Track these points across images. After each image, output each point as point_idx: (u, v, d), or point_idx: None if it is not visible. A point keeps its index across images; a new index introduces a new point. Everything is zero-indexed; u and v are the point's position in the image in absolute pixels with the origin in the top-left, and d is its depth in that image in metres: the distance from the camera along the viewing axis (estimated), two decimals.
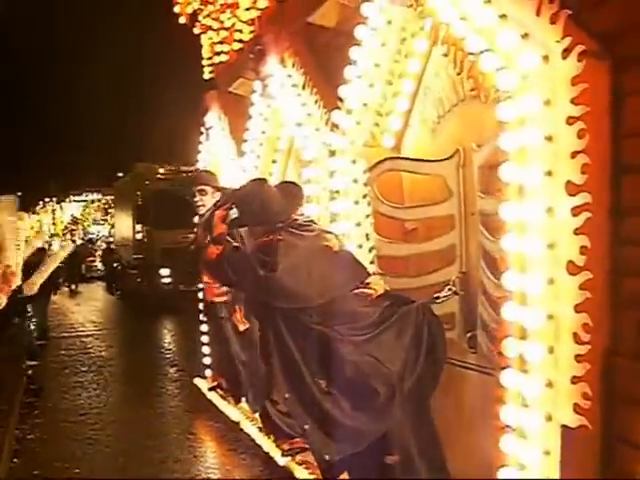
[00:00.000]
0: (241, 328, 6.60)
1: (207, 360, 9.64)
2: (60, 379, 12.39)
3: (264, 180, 5.06)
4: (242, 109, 8.57)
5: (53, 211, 48.93)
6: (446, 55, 4.38)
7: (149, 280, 22.46)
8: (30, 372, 12.32)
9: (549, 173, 3.64)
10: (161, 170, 23.73)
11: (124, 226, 26.49)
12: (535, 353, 3.67)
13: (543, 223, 3.67)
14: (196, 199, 7.00)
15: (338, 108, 5.55)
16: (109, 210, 42.05)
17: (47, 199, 50.62)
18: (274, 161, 7.64)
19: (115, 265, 28.07)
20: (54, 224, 46.78)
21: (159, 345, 16.12)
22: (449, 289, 4.78)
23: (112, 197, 38.75)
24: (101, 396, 11.07)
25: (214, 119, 9.03)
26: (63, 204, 48.69)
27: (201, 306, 9.59)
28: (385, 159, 5.29)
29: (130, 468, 7.43)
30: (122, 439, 8.65)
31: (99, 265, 34.97)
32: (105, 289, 30.07)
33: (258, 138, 7.61)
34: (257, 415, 7.11)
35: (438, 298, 4.71)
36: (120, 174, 33.01)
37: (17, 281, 6.94)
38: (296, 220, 4.78)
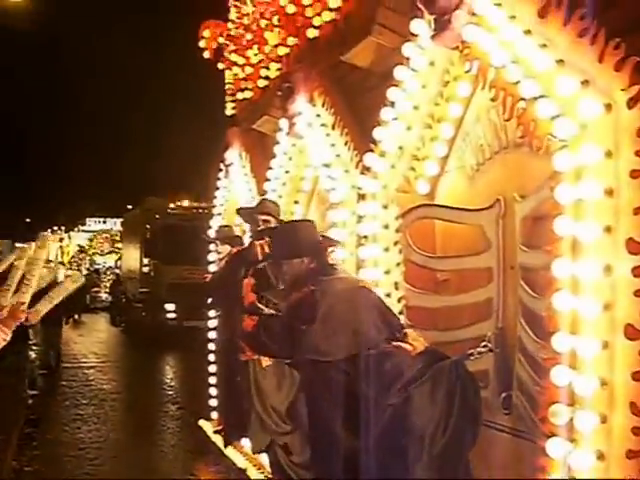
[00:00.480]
0: (264, 364, 6.29)
1: (213, 402, 9.38)
2: (60, 411, 12.16)
3: (309, 221, 4.81)
4: (265, 147, 8.35)
5: (61, 240, 48.76)
6: (493, 100, 4.10)
7: (154, 314, 22.23)
8: (30, 402, 12.21)
9: (608, 229, 3.37)
10: (171, 205, 23.60)
11: (131, 259, 26.32)
12: (586, 422, 3.36)
13: (599, 282, 3.38)
14: (260, 227, 6.56)
15: (370, 150, 5.29)
16: (116, 241, 41.92)
17: (56, 228, 50.52)
18: (296, 202, 7.37)
19: (121, 297, 27.80)
20: (62, 253, 46.58)
21: (161, 381, 15.95)
22: (484, 345, 4.47)
23: (121, 229, 38.70)
24: (101, 430, 10.81)
25: (235, 156, 8.79)
26: (71, 233, 48.57)
27: (211, 345, 9.34)
28: (419, 205, 5.02)
29: None
30: (121, 476, 8.43)
31: (104, 296, 34.69)
32: (109, 321, 29.72)
33: (281, 177, 7.35)
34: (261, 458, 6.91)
35: (472, 354, 4.39)
36: (130, 206, 32.91)
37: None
38: (331, 265, 4.47)
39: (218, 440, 8.53)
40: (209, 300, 8.33)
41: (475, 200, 4.81)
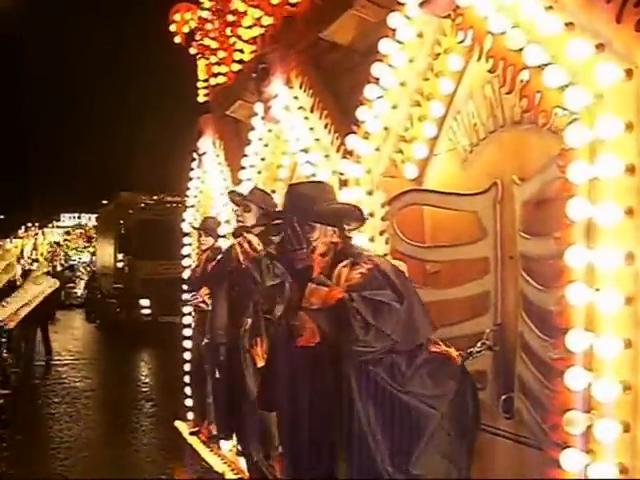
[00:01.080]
0: (260, 364, 5.83)
1: (189, 402, 8.95)
2: (32, 410, 11.70)
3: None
4: (239, 135, 7.88)
5: (35, 236, 47.97)
6: (491, 71, 3.62)
7: (128, 310, 21.73)
8: (1, 401, 11.50)
9: (630, 211, 2.92)
10: (145, 199, 22.98)
11: (106, 254, 25.77)
12: (606, 431, 2.92)
13: (620, 272, 2.94)
14: (238, 214, 6.05)
15: (352, 133, 4.81)
16: (91, 237, 41.25)
17: (29, 224, 49.70)
18: (273, 191, 6.87)
19: (95, 293, 27.21)
20: (35, 249, 45.80)
21: (136, 378, 15.51)
22: (482, 343, 4.02)
23: (95, 224, 38.06)
24: (73, 429, 10.41)
25: (208, 144, 8.28)
26: (45, 229, 47.76)
27: (187, 344, 8.90)
28: (407, 191, 4.55)
29: None
30: (94, 474, 8.07)
31: (79, 292, 33.99)
32: (84, 317, 29.07)
33: (257, 165, 6.85)
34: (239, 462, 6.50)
35: (471, 354, 3.92)
36: (105, 202, 32.27)
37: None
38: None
39: (194, 442, 8.15)
40: (193, 294, 7.87)
41: (469, 184, 4.34)
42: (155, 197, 23.11)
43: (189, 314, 8.93)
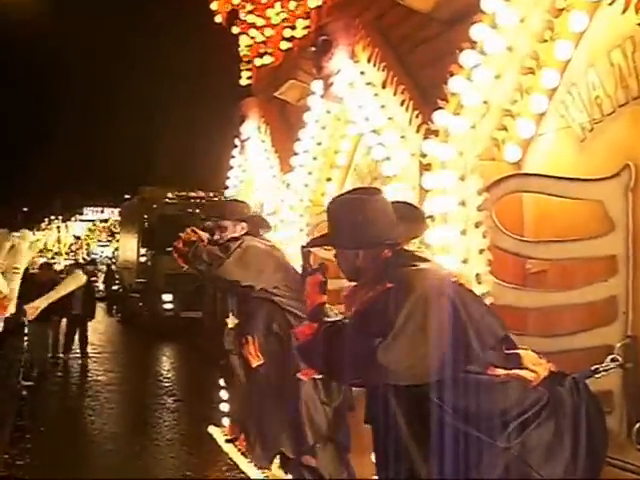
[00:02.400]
0: (254, 364, 5.08)
1: (224, 406, 8.16)
2: (55, 402, 11.63)
3: (376, 190, 3.31)
4: (288, 118, 7.10)
5: (58, 229, 47.41)
6: None
7: (150, 305, 21.08)
8: (24, 394, 11.00)
9: None
10: (169, 195, 22.32)
11: (128, 249, 25.10)
12: None
13: None
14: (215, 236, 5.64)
15: (439, 108, 3.99)
16: (114, 231, 40.71)
17: (53, 217, 49.13)
18: (329, 179, 6.09)
19: (117, 287, 26.50)
20: (58, 242, 45.32)
21: (158, 372, 15.12)
22: (612, 359, 3.20)
23: (118, 219, 37.48)
24: (96, 423, 10.24)
25: (252, 130, 7.46)
26: (68, 223, 47.16)
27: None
28: (511, 175, 3.70)
29: None
30: (115, 469, 7.89)
31: (101, 286, 33.29)
32: (105, 311, 28.41)
33: (312, 150, 6.03)
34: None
35: (597, 371, 3.11)
36: (128, 196, 31.64)
37: (12, 306, 6.33)
38: (407, 252, 3.10)
39: (231, 451, 7.35)
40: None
41: (587, 168, 3.51)
42: (179, 192, 22.43)
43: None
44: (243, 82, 8.19)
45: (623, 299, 3.29)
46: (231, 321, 5.77)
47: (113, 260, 36.00)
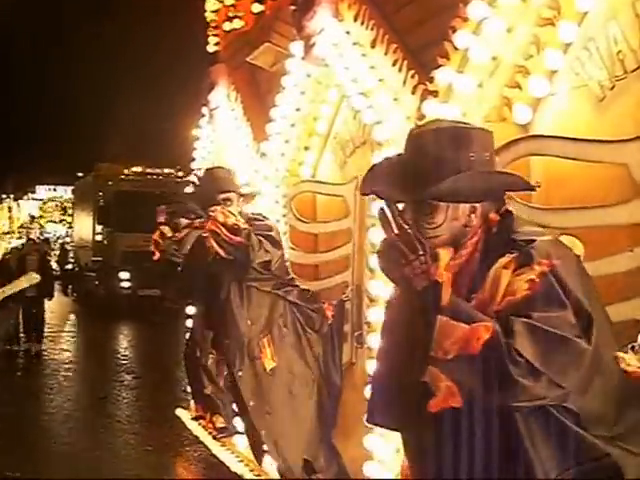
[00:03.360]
0: (269, 367, 4.64)
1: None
2: (11, 383, 11.17)
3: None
4: (259, 85, 6.69)
5: (9, 208, 46.22)
6: None
7: (107, 283, 20.49)
8: None
9: None
10: (125, 171, 21.68)
11: (84, 227, 24.40)
12: None
13: None
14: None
15: (438, 66, 3.67)
16: (67, 209, 39.83)
17: (4, 196, 47.90)
18: (307, 148, 5.73)
19: (72, 266, 25.80)
20: (10, 221, 44.23)
21: (115, 350, 14.79)
22: None
23: (72, 197, 36.66)
24: (55, 401, 10.05)
25: (221, 98, 7.05)
26: (20, 201, 46.02)
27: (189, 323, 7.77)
28: (521, 138, 3.38)
29: (84, 477, 6.58)
30: (76, 446, 7.78)
31: (54, 265, 32.45)
32: (61, 290, 27.68)
33: (289, 117, 5.65)
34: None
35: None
36: (80, 174, 30.80)
37: None
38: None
39: (200, 432, 7.06)
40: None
41: (606, 130, 3.21)
42: (135, 169, 21.82)
43: None
44: (211, 48, 7.72)
45: None
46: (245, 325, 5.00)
47: (66, 239, 35.14)
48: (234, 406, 5.86)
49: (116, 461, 7.29)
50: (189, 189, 7.02)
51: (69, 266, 26.90)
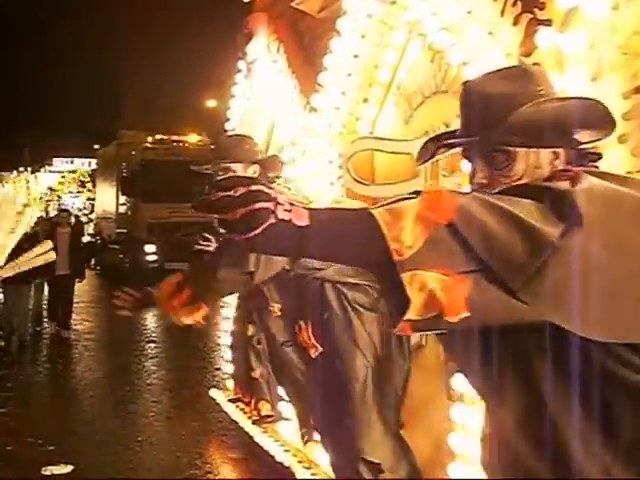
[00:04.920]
0: (314, 354, 4.17)
1: (229, 368, 7.44)
2: (33, 352, 11.50)
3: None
4: (302, 34, 6.23)
5: (27, 181, 45.92)
6: None
7: (132, 256, 20.05)
8: (2, 344, 11.38)
9: None
10: (149, 139, 21.17)
11: (106, 198, 24.00)
12: None
13: None
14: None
15: None
16: (85, 182, 39.63)
17: (21, 169, 47.75)
18: (365, 100, 5.22)
19: (94, 239, 25.43)
20: (28, 194, 43.90)
21: (137, 322, 14.50)
22: None
23: (89, 169, 36.38)
24: (76, 370, 10.38)
25: (261, 49, 6.54)
26: (38, 174, 45.83)
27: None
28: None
29: (106, 445, 6.73)
30: (97, 415, 7.96)
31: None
32: None
33: (347, 65, 5.15)
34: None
35: None
36: (97, 146, 30.48)
37: None
38: None
39: (241, 418, 6.67)
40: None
41: None
42: (160, 136, 21.32)
43: None
44: None
45: None
46: (276, 307, 4.72)
47: (84, 211, 34.93)
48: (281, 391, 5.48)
49: (138, 428, 7.39)
50: None
51: (88, 238, 26.51)
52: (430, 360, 4.42)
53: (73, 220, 15.08)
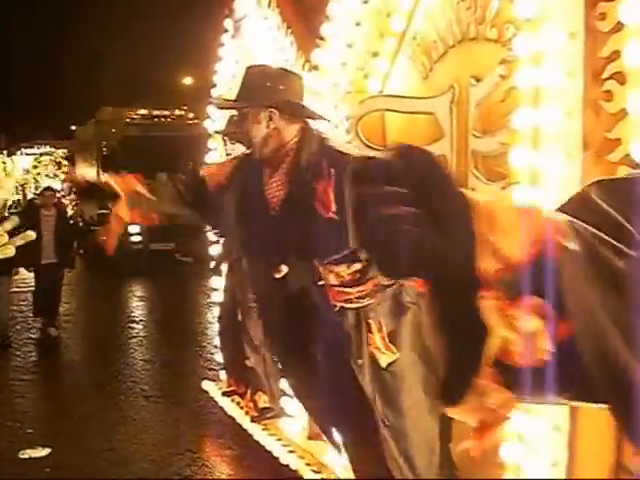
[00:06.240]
0: (385, 361, 3.43)
1: (219, 358, 7.07)
2: (12, 334, 11.13)
3: None
4: None
5: (4, 164, 45.39)
6: None
7: None
8: None
9: None
10: (130, 114, 20.48)
11: (87, 178, 23.24)
12: None
13: None
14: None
15: None
16: (62, 164, 39.03)
17: None
18: (375, 54, 4.72)
19: (76, 221, 24.80)
20: (6, 176, 43.44)
21: (120, 303, 14.92)
22: None
23: (71, 148, 35.78)
24: (55, 353, 10.39)
25: (250, 5, 6.07)
26: (14, 157, 45.11)
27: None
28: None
29: (85, 429, 6.83)
30: (76, 398, 8.10)
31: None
32: None
33: (354, 14, 4.63)
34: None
35: None
36: (73, 127, 29.78)
37: None
38: None
39: (236, 413, 6.33)
40: None
41: None
42: (142, 111, 20.65)
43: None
44: None
45: None
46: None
47: (62, 193, 34.29)
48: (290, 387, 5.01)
49: (119, 410, 7.44)
50: None
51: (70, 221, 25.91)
52: None
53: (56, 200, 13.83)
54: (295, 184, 3.35)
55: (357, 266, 3.24)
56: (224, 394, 6.92)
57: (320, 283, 3.41)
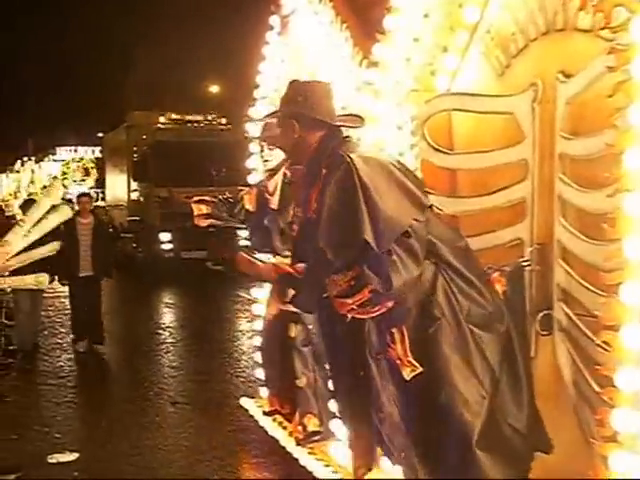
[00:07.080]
0: (408, 375, 3.26)
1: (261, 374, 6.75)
2: (39, 340, 11.07)
3: None
4: None
5: (32, 171, 45.83)
6: None
7: (146, 245, 19.38)
8: (7, 332, 10.82)
9: None
10: (162, 119, 20.27)
11: (117, 185, 23.19)
12: None
13: None
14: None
15: None
16: (89, 170, 39.17)
17: (26, 158, 47.55)
18: (445, 48, 4.39)
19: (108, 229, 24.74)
20: (32, 183, 43.97)
21: (150, 310, 14.80)
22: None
23: (92, 157, 35.86)
24: (81, 359, 10.23)
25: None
26: (42, 164, 45.36)
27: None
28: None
29: (113, 434, 6.84)
30: (103, 403, 8.13)
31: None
32: None
33: (421, 5, 4.30)
34: None
35: None
36: (100, 134, 29.73)
37: None
38: None
39: (281, 436, 6.08)
40: None
41: None
42: (174, 115, 20.41)
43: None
44: None
45: None
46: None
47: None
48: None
49: (146, 414, 7.45)
50: None
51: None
52: (542, 370, 3.66)
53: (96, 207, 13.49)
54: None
55: (351, 273, 3.24)
56: (265, 413, 6.60)
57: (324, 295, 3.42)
